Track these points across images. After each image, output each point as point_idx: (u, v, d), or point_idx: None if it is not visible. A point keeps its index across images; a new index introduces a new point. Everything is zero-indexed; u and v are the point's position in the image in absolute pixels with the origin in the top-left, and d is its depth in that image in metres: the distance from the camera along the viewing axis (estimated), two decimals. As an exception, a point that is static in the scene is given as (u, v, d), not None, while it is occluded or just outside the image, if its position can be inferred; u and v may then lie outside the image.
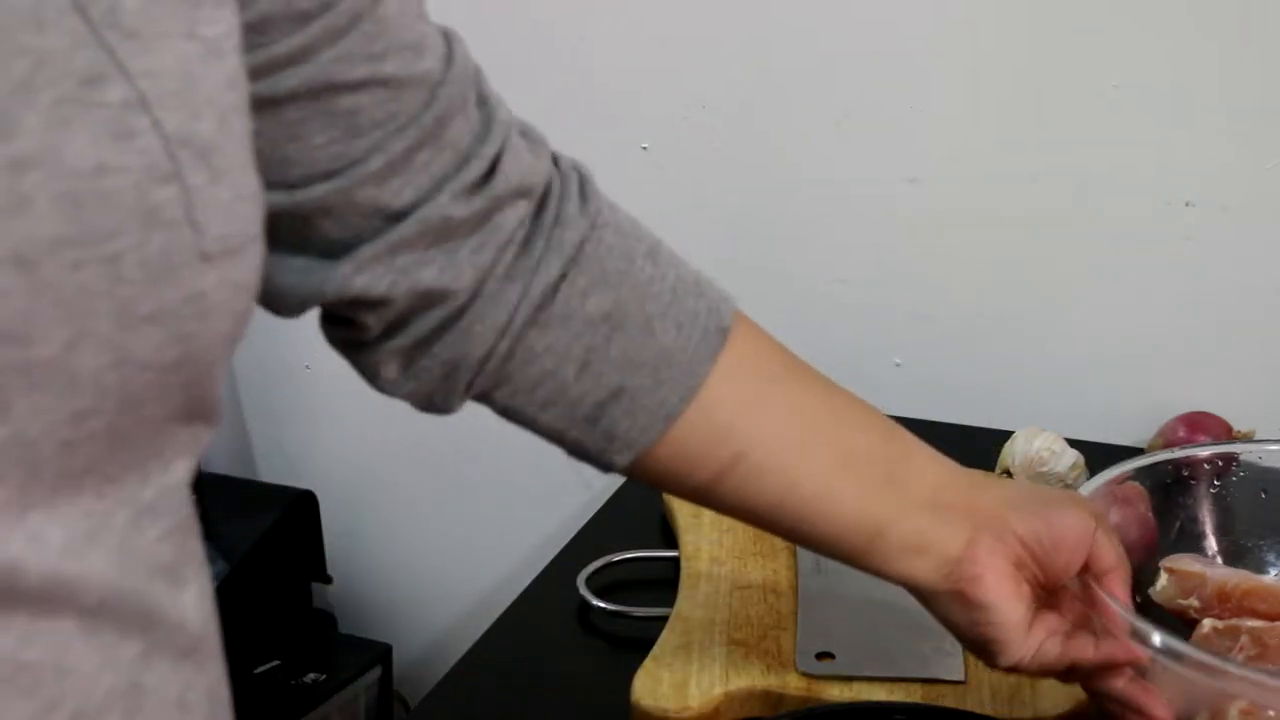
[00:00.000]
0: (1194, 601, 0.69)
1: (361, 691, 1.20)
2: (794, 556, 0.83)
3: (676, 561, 0.84)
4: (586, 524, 0.94)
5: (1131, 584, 0.62)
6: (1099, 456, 0.86)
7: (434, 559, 1.33)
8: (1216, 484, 0.74)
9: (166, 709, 0.39)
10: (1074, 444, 0.92)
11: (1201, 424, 0.95)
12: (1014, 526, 0.60)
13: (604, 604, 0.82)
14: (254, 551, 1.12)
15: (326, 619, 1.29)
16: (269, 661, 1.15)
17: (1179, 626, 0.67)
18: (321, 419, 1.31)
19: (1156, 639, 0.57)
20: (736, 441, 0.58)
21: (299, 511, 1.18)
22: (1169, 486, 0.73)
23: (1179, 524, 0.73)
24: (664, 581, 0.82)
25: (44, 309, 0.33)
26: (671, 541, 0.88)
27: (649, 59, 1.08)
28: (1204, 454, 0.75)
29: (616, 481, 1.00)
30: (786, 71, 1.04)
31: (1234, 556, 0.73)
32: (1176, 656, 0.57)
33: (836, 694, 0.70)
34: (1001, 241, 1.03)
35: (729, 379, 0.58)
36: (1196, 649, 0.58)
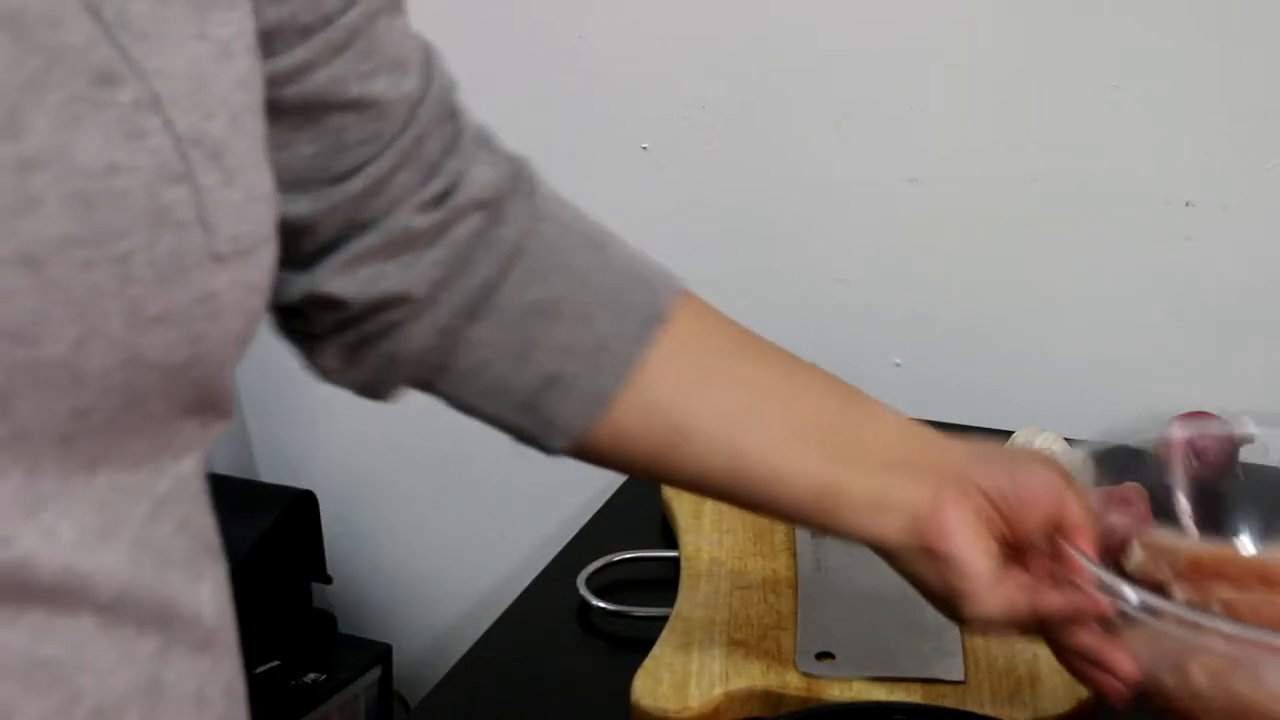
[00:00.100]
0: (1167, 572, 0.68)
1: (361, 691, 1.20)
2: (794, 556, 0.83)
3: (676, 561, 0.84)
4: (586, 524, 0.94)
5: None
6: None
7: (434, 559, 1.33)
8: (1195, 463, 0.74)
9: (185, 704, 0.39)
10: (1074, 444, 0.92)
11: (1202, 425, 0.95)
12: (977, 481, 0.60)
13: (604, 604, 0.82)
14: (254, 551, 1.12)
15: (326, 619, 1.28)
16: (269, 661, 1.15)
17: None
18: (321, 419, 1.31)
19: (1123, 591, 0.57)
20: (677, 418, 0.59)
21: (299, 511, 1.18)
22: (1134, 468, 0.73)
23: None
24: (664, 581, 0.82)
25: (53, 309, 0.33)
26: (671, 541, 0.88)
27: (649, 59, 1.08)
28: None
29: (616, 481, 1.00)
30: (786, 71, 1.04)
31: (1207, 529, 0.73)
32: (1149, 611, 0.56)
33: (836, 694, 0.70)
34: (1001, 241, 1.03)
35: (670, 360, 0.58)
36: (1165, 600, 0.57)
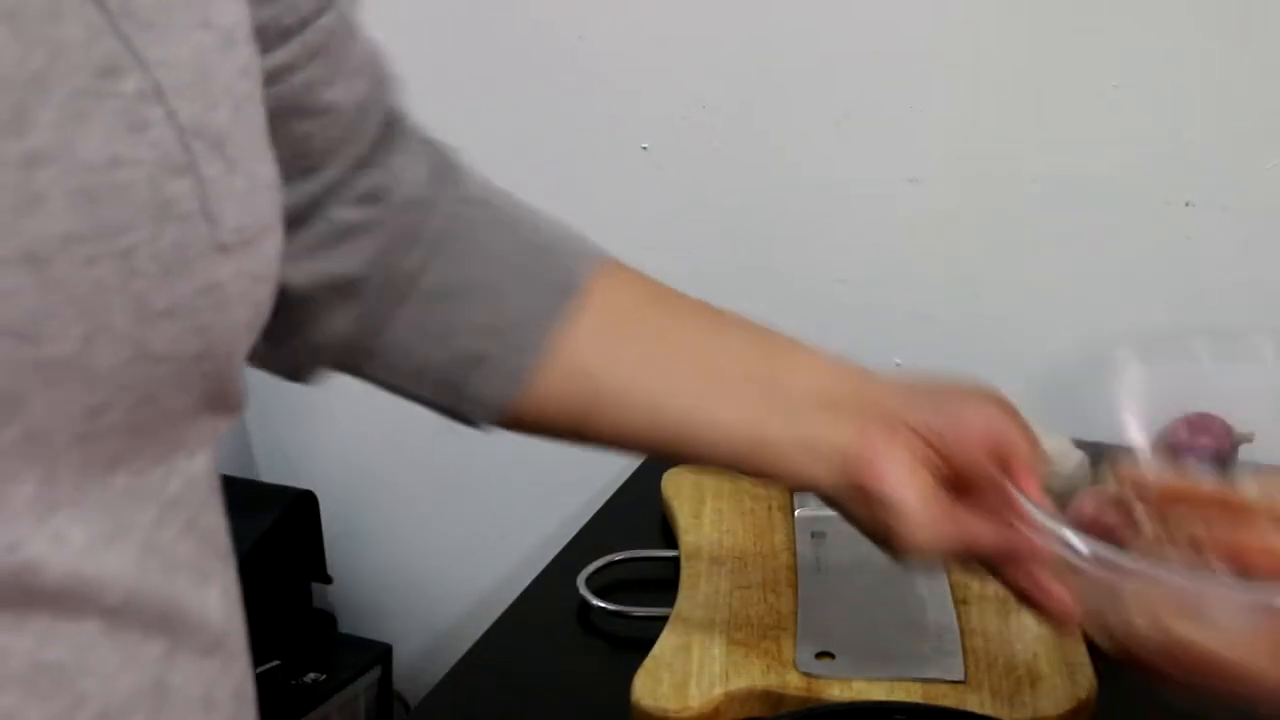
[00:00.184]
0: (1138, 505, 0.65)
1: (361, 691, 1.20)
2: (794, 557, 0.83)
3: (676, 561, 0.84)
4: (586, 524, 0.94)
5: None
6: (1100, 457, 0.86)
7: (434, 559, 1.33)
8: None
9: (192, 708, 0.39)
10: (1074, 444, 0.92)
11: (1203, 425, 0.95)
12: (904, 417, 0.60)
13: (604, 604, 0.82)
14: (254, 551, 1.12)
15: (326, 619, 1.28)
16: (269, 661, 1.15)
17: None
18: (321, 419, 1.31)
19: (1065, 536, 0.55)
20: (595, 381, 0.59)
21: (299, 511, 1.18)
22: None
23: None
24: (664, 581, 0.82)
25: (57, 306, 0.33)
26: (671, 541, 0.88)
27: (649, 59, 1.08)
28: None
29: (616, 481, 1.00)
30: (786, 71, 1.04)
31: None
32: (1096, 562, 0.54)
33: (836, 694, 0.70)
34: (1001, 241, 1.03)
35: (590, 327, 0.59)
36: (1095, 542, 0.55)
